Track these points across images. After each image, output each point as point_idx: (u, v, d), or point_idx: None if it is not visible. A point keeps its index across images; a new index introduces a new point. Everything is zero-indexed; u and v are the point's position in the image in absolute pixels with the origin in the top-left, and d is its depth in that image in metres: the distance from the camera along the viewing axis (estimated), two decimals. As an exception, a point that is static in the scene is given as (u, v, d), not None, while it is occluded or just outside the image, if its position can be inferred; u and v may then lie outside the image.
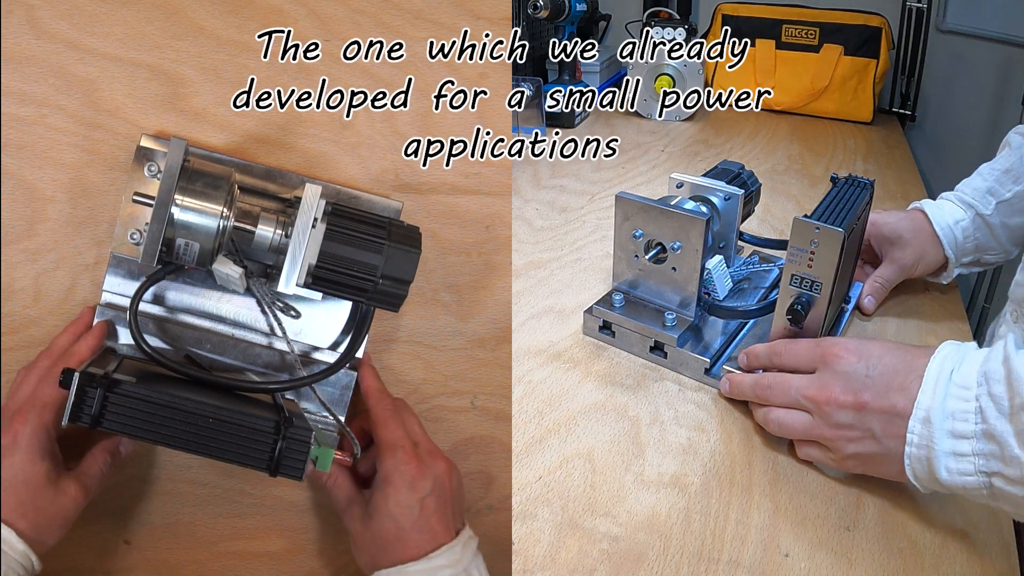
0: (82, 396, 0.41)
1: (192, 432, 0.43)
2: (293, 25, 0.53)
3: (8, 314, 0.51)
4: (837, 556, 0.48)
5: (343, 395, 0.53)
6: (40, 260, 0.51)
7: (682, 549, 0.49)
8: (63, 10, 0.50)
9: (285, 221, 0.48)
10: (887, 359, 0.51)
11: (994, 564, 0.48)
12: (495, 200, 0.57)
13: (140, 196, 0.46)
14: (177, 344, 0.52)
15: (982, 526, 0.51)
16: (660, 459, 0.56)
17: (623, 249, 0.68)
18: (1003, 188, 0.74)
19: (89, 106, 0.51)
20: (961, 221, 0.74)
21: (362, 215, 0.49)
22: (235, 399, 0.46)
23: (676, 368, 0.66)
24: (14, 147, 0.50)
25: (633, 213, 0.66)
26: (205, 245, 0.46)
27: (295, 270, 0.47)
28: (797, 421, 0.54)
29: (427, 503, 0.47)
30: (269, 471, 0.44)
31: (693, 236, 0.62)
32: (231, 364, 0.52)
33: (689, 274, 0.64)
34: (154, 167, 0.49)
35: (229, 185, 0.47)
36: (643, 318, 0.67)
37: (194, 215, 0.46)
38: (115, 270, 0.51)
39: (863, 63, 1.41)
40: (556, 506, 0.52)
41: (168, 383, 0.45)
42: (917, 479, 0.48)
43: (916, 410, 0.47)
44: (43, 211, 0.51)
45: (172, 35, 0.52)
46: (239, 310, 0.53)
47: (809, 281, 0.57)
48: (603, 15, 1.67)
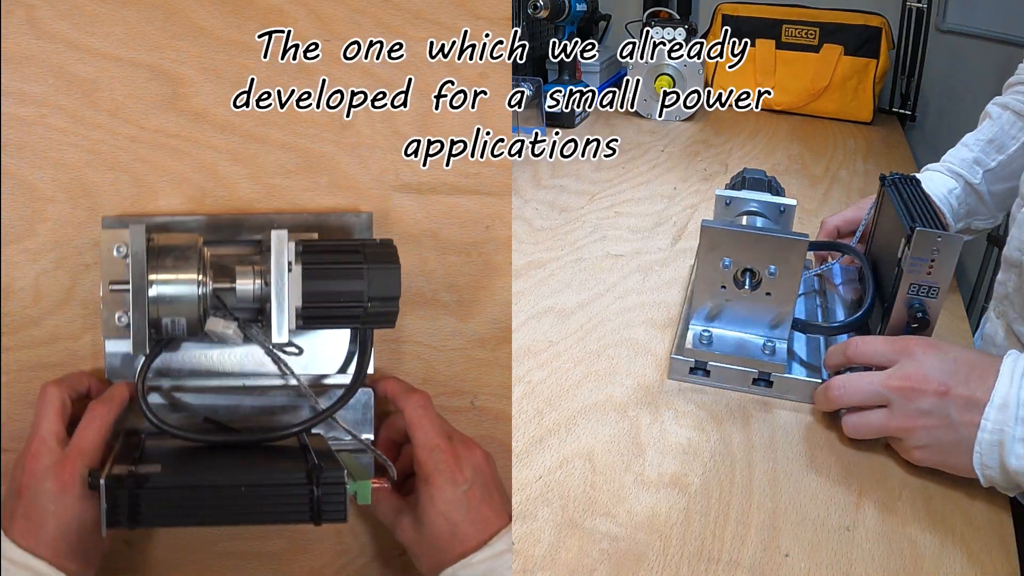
0: (114, 502, 0.42)
1: (228, 506, 0.43)
2: (293, 25, 0.53)
3: (8, 314, 0.51)
4: (837, 556, 0.48)
5: (365, 414, 0.54)
6: (40, 260, 0.51)
7: (682, 549, 0.49)
8: (63, 10, 0.50)
9: (262, 269, 0.48)
10: (966, 354, 0.53)
11: (994, 564, 0.48)
12: (495, 200, 0.57)
13: (116, 284, 0.47)
14: (192, 409, 0.52)
15: (982, 526, 0.51)
16: (660, 459, 0.56)
17: (707, 281, 0.63)
18: (988, 158, 0.79)
19: (89, 106, 0.51)
20: (954, 190, 0.79)
21: (334, 245, 0.50)
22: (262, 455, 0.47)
23: (783, 395, 0.63)
24: (14, 147, 0.50)
25: (722, 242, 0.61)
26: (191, 316, 0.47)
27: (283, 317, 0.47)
28: (873, 417, 0.55)
29: (472, 494, 0.47)
30: (313, 521, 0.44)
31: (793, 259, 0.60)
32: (250, 413, 0.53)
33: (786, 297, 0.62)
34: (123, 248, 0.49)
35: (198, 251, 0.47)
36: (741, 351, 0.64)
37: (172, 290, 0.46)
38: (113, 354, 0.52)
39: (863, 63, 1.41)
40: (556, 506, 0.52)
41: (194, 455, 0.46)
42: (984, 467, 0.50)
43: (993, 398, 0.49)
44: (43, 211, 0.51)
45: (172, 35, 0.52)
46: (243, 359, 0.53)
47: (927, 287, 0.57)
48: (603, 15, 1.67)
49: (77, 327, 0.52)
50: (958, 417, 0.51)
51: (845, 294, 0.74)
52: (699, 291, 0.64)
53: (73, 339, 0.52)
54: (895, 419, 0.53)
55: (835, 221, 0.78)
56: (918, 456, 0.53)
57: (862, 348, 0.57)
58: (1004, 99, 0.82)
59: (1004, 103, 0.81)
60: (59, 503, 0.43)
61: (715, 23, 1.54)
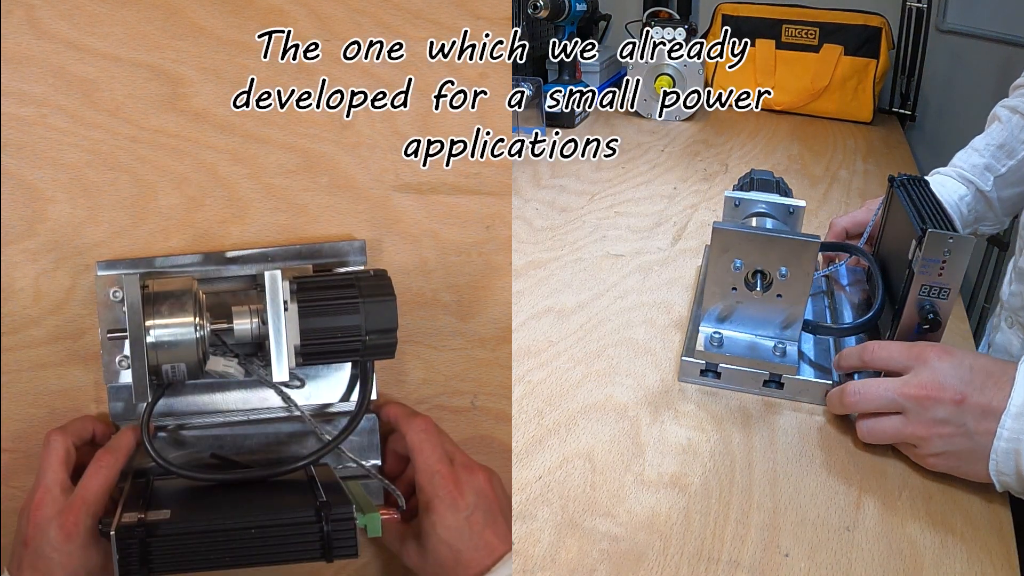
0: (126, 552, 0.42)
1: (238, 549, 0.44)
2: (293, 25, 0.53)
3: (8, 314, 0.51)
4: (837, 556, 0.48)
5: (371, 439, 0.54)
6: (40, 260, 0.51)
7: (682, 549, 0.49)
8: (63, 10, 0.50)
9: (258, 308, 0.48)
10: (981, 361, 0.53)
11: (994, 564, 0.48)
12: (495, 200, 0.57)
13: (114, 333, 0.48)
14: (198, 446, 0.52)
15: (982, 526, 0.51)
16: (660, 459, 0.57)
17: (718, 283, 0.63)
18: (998, 163, 0.79)
19: (89, 106, 0.51)
20: (965, 197, 0.78)
21: (328, 280, 0.50)
22: (271, 490, 0.47)
23: (794, 397, 0.63)
24: (14, 147, 0.50)
25: (733, 243, 0.61)
26: (190, 360, 0.47)
27: (282, 356, 0.47)
28: (888, 423, 0.54)
29: (474, 519, 0.47)
30: (324, 559, 0.44)
31: (804, 260, 0.60)
32: (256, 446, 0.53)
33: (796, 298, 0.62)
34: (118, 292, 0.49)
35: (193, 295, 0.48)
36: (752, 353, 0.64)
37: (170, 336, 0.47)
38: (116, 399, 0.52)
39: (863, 63, 1.41)
40: (556, 506, 0.52)
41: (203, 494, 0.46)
42: (1000, 474, 0.50)
43: (1010, 406, 0.49)
44: (43, 211, 0.51)
45: (172, 35, 0.52)
46: (247, 395, 0.53)
47: (938, 288, 0.57)
48: (603, 15, 1.67)
49: (77, 327, 0.52)
50: (974, 426, 0.50)
51: (852, 295, 0.74)
52: (710, 293, 0.64)
53: (73, 339, 0.52)
54: (910, 426, 0.53)
55: (844, 223, 0.78)
56: (932, 463, 0.53)
57: (879, 353, 0.57)
58: (1013, 102, 0.82)
59: (1013, 106, 0.81)
60: (63, 553, 0.43)
61: (715, 23, 1.54)
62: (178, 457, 0.51)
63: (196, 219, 0.53)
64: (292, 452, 0.53)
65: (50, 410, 0.52)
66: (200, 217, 0.53)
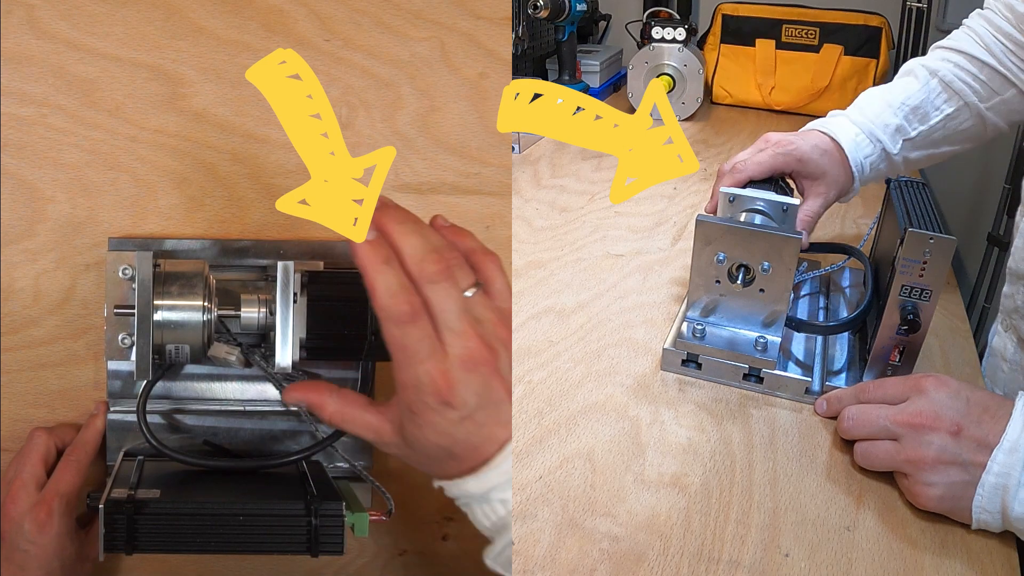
0: (112, 526, 0.42)
1: (225, 535, 0.43)
2: (293, 25, 0.53)
3: (8, 314, 0.51)
4: (837, 556, 0.48)
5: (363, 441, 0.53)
6: (40, 260, 0.51)
7: (682, 549, 0.49)
8: (63, 10, 0.50)
9: (267, 299, 0.48)
10: (978, 394, 0.52)
11: (994, 564, 0.48)
12: (495, 200, 0.57)
13: (121, 308, 0.47)
14: (193, 432, 0.52)
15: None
16: (660, 459, 0.56)
17: (702, 275, 0.64)
18: (910, 126, 0.77)
19: (89, 106, 0.51)
20: (870, 156, 0.77)
21: (340, 275, 0.50)
22: (261, 482, 0.47)
23: (774, 392, 0.64)
24: (14, 147, 0.50)
25: (716, 237, 0.62)
26: (195, 343, 0.47)
27: (287, 349, 0.47)
28: (881, 450, 0.54)
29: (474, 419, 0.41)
30: (310, 553, 0.44)
31: (786, 255, 0.60)
32: (250, 438, 0.53)
33: (779, 294, 0.62)
34: (128, 270, 0.49)
35: (204, 279, 0.48)
36: (733, 346, 0.64)
37: (177, 317, 0.47)
38: (115, 377, 0.52)
39: (863, 63, 1.41)
40: (556, 506, 0.52)
41: (193, 479, 0.46)
42: (982, 511, 0.48)
43: (1003, 441, 0.48)
44: (43, 211, 0.51)
45: (172, 35, 0.52)
46: (245, 385, 0.53)
47: (919, 290, 0.57)
48: (603, 15, 1.67)
49: (77, 327, 0.52)
50: (970, 459, 0.49)
51: (851, 296, 0.74)
52: (694, 285, 0.65)
53: (73, 339, 0.52)
54: (904, 452, 0.52)
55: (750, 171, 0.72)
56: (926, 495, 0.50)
57: (875, 393, 0.56)
58: (933, 64, 0.77)
59: (933, 69, 0.77)
60: (37, 545, 0.44)
61: (715, 23, 1.54)
62: (171, 441, 0.51)
63: (196, 219, 0.53)
64: (285, 448, 0.53)
65: (50, 410, 0.52)
66: (200, 217, 0.53)
